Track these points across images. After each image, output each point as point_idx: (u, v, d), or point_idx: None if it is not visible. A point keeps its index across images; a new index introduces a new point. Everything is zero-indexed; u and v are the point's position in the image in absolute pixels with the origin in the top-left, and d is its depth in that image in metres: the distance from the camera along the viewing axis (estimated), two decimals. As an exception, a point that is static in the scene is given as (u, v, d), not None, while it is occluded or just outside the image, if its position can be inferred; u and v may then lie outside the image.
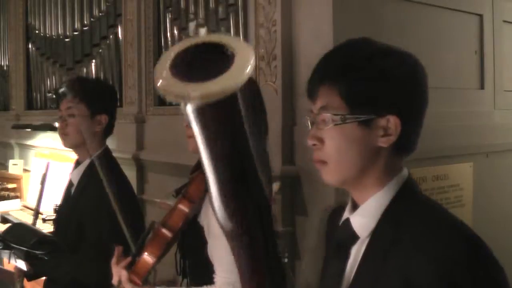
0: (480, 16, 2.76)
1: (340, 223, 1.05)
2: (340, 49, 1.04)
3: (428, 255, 0.86)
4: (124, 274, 1.50)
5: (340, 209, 1.10)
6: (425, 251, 0.87)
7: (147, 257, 1.50)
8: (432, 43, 2.48)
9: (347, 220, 1.02)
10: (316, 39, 2.15)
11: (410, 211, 0.95)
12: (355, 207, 1.03)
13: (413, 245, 0.89)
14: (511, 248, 2.23)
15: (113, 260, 1.58)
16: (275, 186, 1.71)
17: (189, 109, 0.65)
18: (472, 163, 2.65)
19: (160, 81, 0.64)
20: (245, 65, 0.64)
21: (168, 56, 0.67)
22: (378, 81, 0.96)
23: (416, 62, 1.01)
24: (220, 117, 0.66)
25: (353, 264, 0.99)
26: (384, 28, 2.25)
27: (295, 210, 2.21)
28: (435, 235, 0.89)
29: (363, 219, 0.99)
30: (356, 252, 0.99)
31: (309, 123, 1.05)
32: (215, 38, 0.68)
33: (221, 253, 1.53)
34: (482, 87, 2.79)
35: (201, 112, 0.65)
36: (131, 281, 1.51)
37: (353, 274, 0.98)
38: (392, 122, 0.96)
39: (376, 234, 0.97)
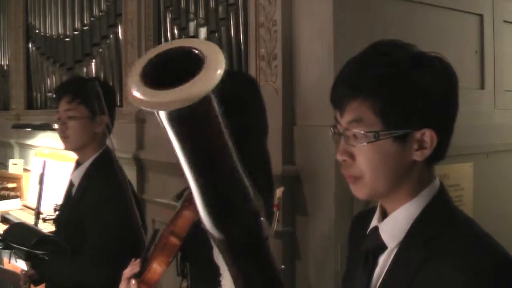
0: (480, 16, 2.76)
1: (367, 231, 1.02)
2: (371, 57, 0.96)
3: (457, 278, 0.84)
4: (133, 283, 1.49)
5: (366, 214, 1.08)
6: (454, 273, 0.85)
7: (157, 266, 1.48)
8: (432, 43, 2.46)
9: (376, 228, 1.00)
10: (316, 39, 2.15)
11: (440, 225, 0.93)
12: (384, 215, 1.00)
13: (442, 264, 0.87)
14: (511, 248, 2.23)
15: (126, 270, 1.56)
16: (279, 191, 1.68)
17: (164, 117, 0.63)
18: (472, 163, 2.65)
19: (133, 91, 0.62)
20: (215, 68, 0.61)
21: (140, 65, 0.65)
22: (415, 95, 0.91)
23: (449, 69, 0.97)
24: (196, 123, 0.64)
25: (379, 274, 0.97)
26: (384, 28, 2.25)
27: (295, 210, 2.21)
28: (465, 256, 0.86)
29: (392, 229, 0.97)
30: (384, 262, 0.97)
31: (332, 133, 0.99)
32: (185, 42, 0.66)
33: None
34: (482, 87, 2.79)
35: (175, 120, 0.63)
36: None
37: (378, 284, 0.97)
38: (427, 136, 0.92)
39: (405, 246, 0.94)
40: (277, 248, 2.19)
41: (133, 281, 1.47)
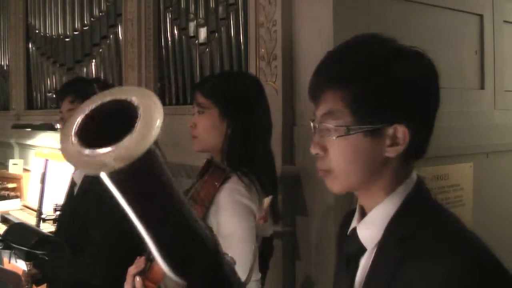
0: (480, 16, 2.76)
1: (348, 232, 1.01)
2: (347, 49, 0.96)
3: (431, 277, 0.82)
4: (138, 281, 1.49)
5: (351, 213, 1.06)
6: (430, 276, 0.82)
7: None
8: (432, 43, 2.47)
9: (354, 230, 0.98)
10: (316, 39, 2.15)
11: (415, 223, 0.90)
12: (363, 214, 0.99)
13: (417, 264, 0.85)
14: (511, 248, 2.23)
15: (131, 268, 1.56)
16: (266, 200, 1.67)
17: (105, 177, 0.62)
18: (472, 163, 2.65)
19: (67, 152, 0.60)
20: (152, 119, 0.62)
21: (74, 121, 0.63)
22: (387, 89, 0.89)
23: (428, 64, 0.94)
24: (139, 178, 0.63)
25: (361, 276, 0.96)
26: (384, 28, 2.23)
27: (295, 210, 2.21)
28: (439, 256, 0.83)
29: (369, 230, 0.95)
30: (364, 264, 0.95)
31: (312, 127, 0.98)
32: (117, 94, 0.64)
33: (232, 254, 1.53)
34: (482, 87, 2.79)
35: (118, 178, 0.62)
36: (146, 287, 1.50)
37: (361, 287, 0.95)
38: (400, 132, 0.90)
39: (381, 247, 0.92)
40: (277, 248, 2.19)
41: (137, 278, 1.48)
